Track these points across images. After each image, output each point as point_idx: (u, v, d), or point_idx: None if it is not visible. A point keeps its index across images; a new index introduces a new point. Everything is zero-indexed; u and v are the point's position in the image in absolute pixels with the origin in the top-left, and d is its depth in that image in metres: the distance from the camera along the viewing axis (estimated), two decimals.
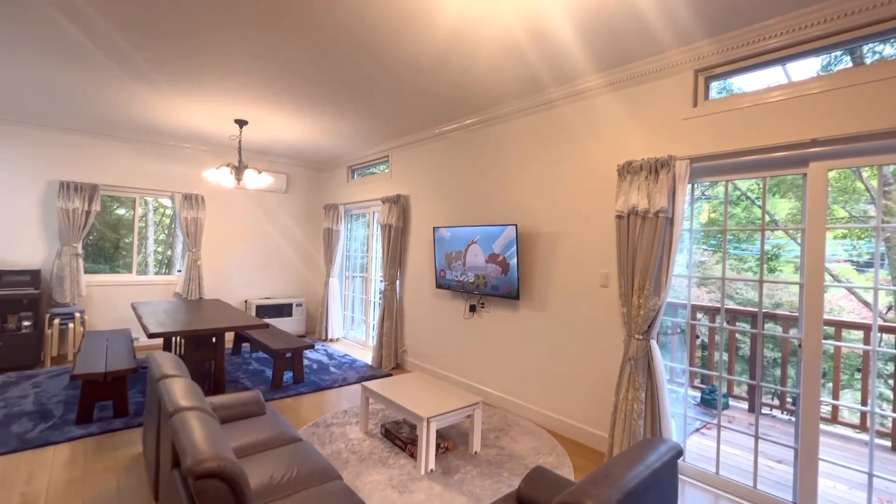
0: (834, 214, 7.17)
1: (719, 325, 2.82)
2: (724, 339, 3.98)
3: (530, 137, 3.67)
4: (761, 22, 2.30)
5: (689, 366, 4.38)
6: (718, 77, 2.67)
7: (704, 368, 4.71)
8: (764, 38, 2.35)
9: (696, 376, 4.34)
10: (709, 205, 6.23)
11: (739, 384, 4.44)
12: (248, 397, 2.86)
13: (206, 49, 2.89)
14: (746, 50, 2.43)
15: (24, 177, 4.88)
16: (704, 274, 7.44)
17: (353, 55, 2.89)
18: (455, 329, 4.39)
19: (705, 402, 4.22)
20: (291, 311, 6.50)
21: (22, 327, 4.51)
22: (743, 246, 6.69)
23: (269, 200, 6.58)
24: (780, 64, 2.46)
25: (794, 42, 2.28)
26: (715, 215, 6.22)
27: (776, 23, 2.27)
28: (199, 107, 4.12)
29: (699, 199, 7.24)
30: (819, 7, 2.13)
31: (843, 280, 6.65)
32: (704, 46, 2.55)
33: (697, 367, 4.65)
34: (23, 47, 2.95)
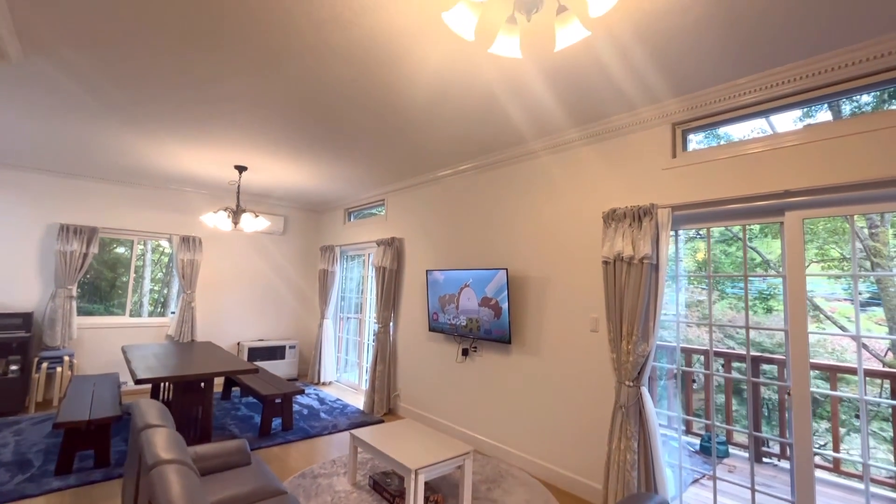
0: (828, 255, 7.24)
1: (704, 371, 2.80)
2: (712, 385, 3.93)
3: (519, 184, 3.79)
4: (731, 81, 2.45)
5: (683, 413, 4.30)
6: (695, 130, 2.80)
7: (704, 414, 4.60)
8: (737, 95, 2.49)
9: (695, 423, 4.25)
10: (703, 244, 6.31)
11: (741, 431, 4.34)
12: (233, 446, 2.79)
13: (206, 102, 3.04)
14: (720, 105, 2.57)
15: (24, 220, 4.97)
16: (703, 314, 7.41)
17: (345, 107, 3.04)
18: (448, 373, 4.34)
19: (705, 451, 4.11)
20: (284, 353, 6.42)
21: (9, 371, 4.44)
22: (741, 284, 6.70)
23: (266, 242, 6.66)
24: (756, 118, 2.58)
25: (767, 98, 2.40)
26: (712, 254, 6.25)
27: (748, 81, 2.41)
28: (200, 154, 4.27)
29: (694, 239, 7.32)
30: (788, 67, 2.26)
31: (842, 320, 6.62)
32: (678, 103, 2.69)
33: (699, 412, 4.56)
34: (27, 100, 3.11)
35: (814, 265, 6.64)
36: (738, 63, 2.27)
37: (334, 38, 2.19)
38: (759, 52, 2.17)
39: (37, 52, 2.44)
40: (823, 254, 6.95)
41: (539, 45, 2.19)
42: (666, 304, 2.96)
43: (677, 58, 2.24)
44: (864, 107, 4.70)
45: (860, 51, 2.05)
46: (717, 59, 2.24)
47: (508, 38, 1.71)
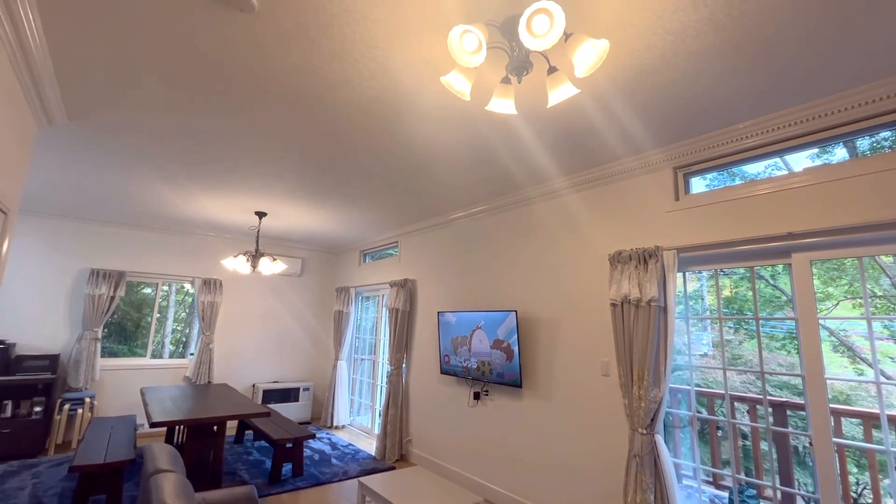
0: (860, 292, 6.93)
1: (719, 418, 2.70)
2: (737, 432, 3.75)
3: (527, 226, 3.86)
4: (731, 126, 2.51)
5: (707, 463, 4.08)
6: (697, 173, 2.85)
7: (748, 461, 4.34)
8: (740, 139, 2.53)
9: (721, 473, 4.02)
10: (729, 281, 6.14)
11: None
12: (241, 493, 2.78)
13: (229, 155, 3.25)
14: (723, 149, 2.61)
15: (58, 266, 5.25)
16: (732, 354, 7.09)
17: (357, 156, 3.22)
18: (460, 418, 4.26)
19: None
20: (298, 395, 6.41)
21: (33, 413, 4.56)
22: (772, 323, 6.44)
23: (284, 284, 6.82)
24: (762, 160, 2.60)
25: (771, 141, 2.42)
26: (738, 290, 6.02)
27: (749, 126, 2.44)
28: (222, 202, 4.50)
29: (719, 275, 7.12)
30: (792, 110, 2.28)
31: (885, 361, 6.23)
32: (677, 148, 2.76)
33: (728, 462, 4.31)
34: (70, 157, 3.39)
35: (845, 303, 6.36)
36: (735, 109, 2.34)
37: (346, 97, 2.36)
38: (756, 98, 2.24)
39: (80, 117, 2.69)
40: (854, 291, 6.67)
41: (537, 97, 2.32)
42: (688, 345, 2.91)
43: (670, 107, 2.33)
44: (881, 143, 4.63)
45: (866, 92, 2.06)
46: (711, 107, 2.32)
47: (503, 99, 1.84)
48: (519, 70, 1.69)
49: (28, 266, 5.09)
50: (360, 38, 1.86)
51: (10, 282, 4.98)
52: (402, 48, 1.92)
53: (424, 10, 1.70)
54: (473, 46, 1.55)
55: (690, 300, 5.54)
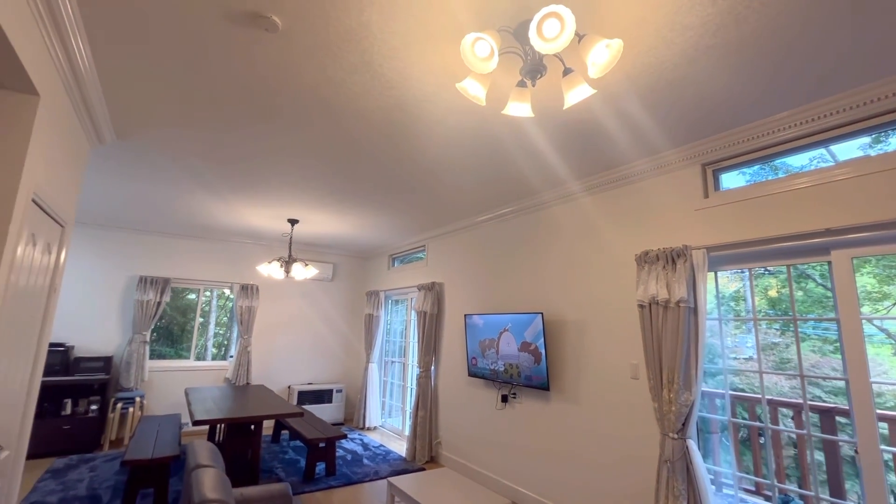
0: None
1: (757, 423, 2.58)
2: (768, 437, 3.57)
3: (553, 227, 3.83)
4: (764, 118, 2.41)
5: (743, 470, 3.91)
6: (727, 169, 2.76)
7: (794, 469, 4.11)
8: (772, 132, 2.43)
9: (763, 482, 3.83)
10: (776, 280, 5.84)
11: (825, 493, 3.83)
12: (276, 490, 2.89)
13: (261, 166, 3.41)
14: (755, 143, 2.51)
15: (109, 273, 5.63)
16: (780, 357, 6.70)
17: (381, 162, 3.30)
18: (488, 421, 4.26)
19: None
20: (332, 397, 6.58)
21: (89, 411, 4.90)
22: (824, 325, 6.07)
23: (316, 289, 7.04)
24: (801, 152, 2.46)
25: (811, 132, 2.30)
26: (785, 290, 5.69)
27: (786, 117, 2.33)
28: (258, 210, 4.71)
29: (763, 275, 6.77)
30: (831, 100, 2.16)
31: None
32: (705, 144, 2.68)
33: (787, 467, 4.09)
34: (118, 172, 3.64)
35: None
36: (767, 100, 2.26)
37: (368, 107, 2.44)
38: (790, 88, 2.15)
39: (127, 136, 2.90)
40: None
41: (556, 98, 2.32)
42: (722, 347, 2.81)
43: (694, 103, 2.28)
44: None
45: None
46: (740, 99, 2.25)
47: (519, 103, 1.85)
48: (533, 73, 1.71)
49: (83, 274, 5.49)
50: (379, 50, 1.93)
51: (68, 288, 5.38)
52: (419, 57, 1.98)
53: (439, 20, 1.75)
54: (486, 53, 1.58)
55: (731, 301, 5.29)
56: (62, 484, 3.84)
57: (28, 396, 2.33)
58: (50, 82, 1.91)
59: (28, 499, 3.52)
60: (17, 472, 2.30)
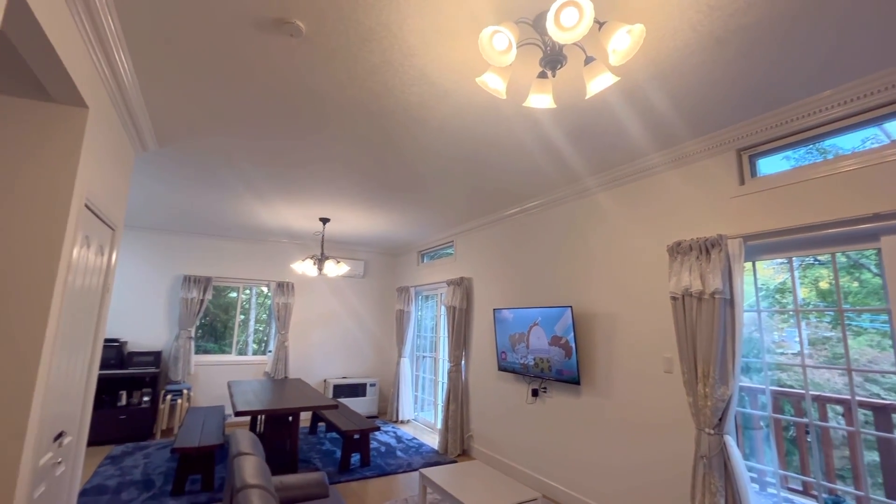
0: None
1: (801, 419, 2.47)
2: (815, 435, 3.40)
3: (581, 219, 3.77)
4: (806, 98, 2.27)
5: (786, 468, 3.74)
6: (765, 154, 2.63)
7: (848, 471, 3.89)
8: (816, 112, 2.29)
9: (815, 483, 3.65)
10: (827, 271, 5.52)
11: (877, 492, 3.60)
12: (314, 479, 3.01)
13: (300, 164, 3.53)
14: (795, 125, 2.38)
15: (156, 272, 5.98)
16: (832, 353, 6.32)
17: (405, 160, 3.34)
18: (519, 415, 4.26)
19: None
20: (365, 390, 6.75)
21: (142, 402, 5.24)
22: (882, 318, 5.68)
23: (348, 285, 7.21)
24: (850, 132, 2.31)
25: (862, 109, 2.15)
26: (842, 280, 5.36)
27: (831, 95, 2.19)
28: (292, 209, 4.87)
29: (813, 266, 6.38)
30: (882, 74, 2.03)
31: None
32: (740, 128, 2.57)
33: (840, 469, 3.89)
34: (160, 178, 3.86)
35: None
36: (809, 79, 2.14)
37: (391, 105, 2.48)
38: (836, 64, 2.03)
39: (169, 143, 3.08)
40: None
41: (579, 89, 2.28)
42: (761, 340, 2.71)
43: (727, 86, 2.18)
44: None
45: None
46: (777, 80, 2.14)
47: (540, 94, 1.84)
48: (553, 64, 1.69)
49: (133, 274, 5.85)
50: (398, 48, 1.96)
51: (120, 288, 5.76)
52: (438, 53, 1.99)
53: (456, 14, 1.76)
54: (504, 46, 1.58)
55: (777, 293, 5.04)
56: (120, 469, 4.14)
57: (87, 388, 2.53)
58: (97, 95, 2.05)
59: (91, 482, 3.81)
60: (79, 457, 2.50)
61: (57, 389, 2.02)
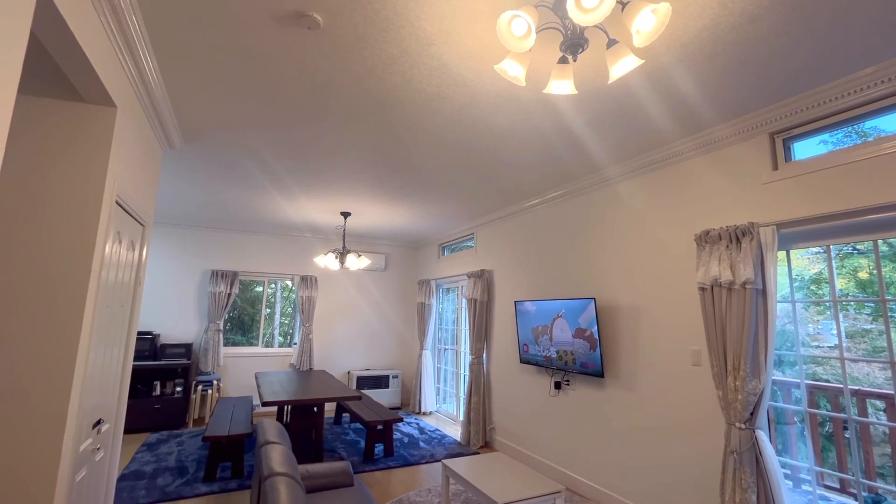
0: None
1: (838, 414, 2.36)
2: (854, 431, 3.27)
3: (604, 209, 3.69)
4: (845, 76, 2.16)
5: (824, 465, 3.60)
6: (800, 137, 2.50)
7: (890, 469, 3.73)
8: (855, 91, 2.17)
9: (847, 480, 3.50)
10: (867, 261, 5.28)
11: None
12: (339, 468, 3.07)
13: (321, 156, 3.56)
14: (833, 105, 2.26)
15: (186, 267, 6.17)
16: (872, 346, 6.04)
17: (425, 152, 3.33)
18: (541, 407, 4.23)
19: None
20: (388, 382, 6.82)
21: (175, 392, 5.44)
22: None
23: (370, 279, 7.29)
24: (884, 114, 2.18)
25: None
26: (884, 271, 5.15)
27: (873, 73, 2.08)
28: (314, 203, 4.93)
29: (852, 255, 6.08)
30: None
31: None
32: (774, 110, 2.45)
33: (881, 466, 3.74)
34: (212, 177, 3.96)
35: None
36: (850, 56, 2.02)
37: (410, 97, 2.47)
38: (879, 39, 1.91)
39: (194, 139, 3.15)
40: None
41: (602, 74, 2.21)
42: (795, 332, 2.60)
43: (760, 67, 2.08)
44: None
45: None
46: (814, 58, 2.03)
47: (561, 80, 1.79)
48: (574, 48, 1.64)
49: (163, 269, 6.06)
50: (416, 38, 1.94)
51: (151, 282, 5.97)
52: (456, 42, 1.96)
53: (473, 1, 1.72)
54: (523, 31, 1.54)
55: (812, 284, 4.84)
56: (155, 456, 4.31)
57: (123, 378, 2.63)
58: (124, 94, 2.11)
59: (129, 467, 3.99)
60: (117, 443, 2.62)
61: (94, 380, 2.11)
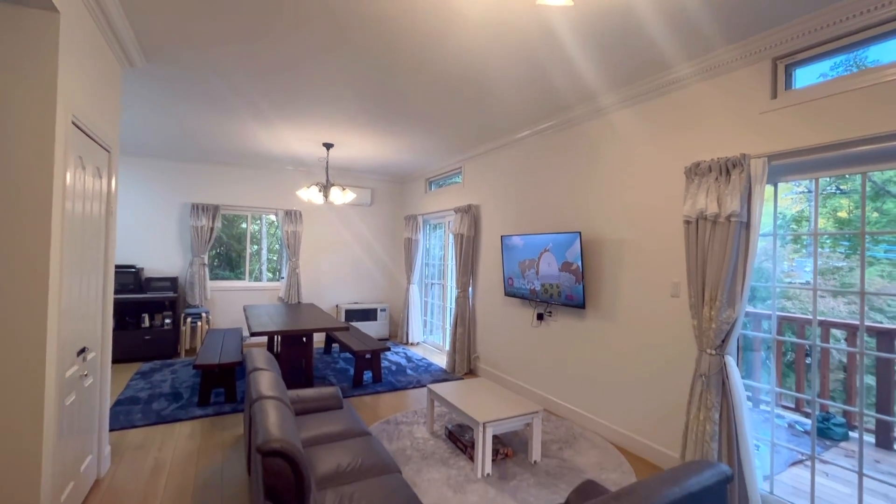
0: None
1: (803, 341, 2.49)
2: (816, 357, 3.47)
3: (593, 142, 3.58)
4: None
5: (788, 388, 3.87)
6: (803, 62, 2.38)
7: (840, 392, 4.03)
8: (853, 16, 2.04)
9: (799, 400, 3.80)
10: (848, 201, 5.36)
11: None
12: (328, 392, 3.19)
13: (298, 80, 3.33)
14: (836, 29, 2.13)
15: (166, 201, 5.98)
16: (841, 282, 6.31)
17: (412, 78, 3.12)
18: (523, 337, 4.39)
19: (821, 433, 3.67)
20: (376, 315, 6.99)
21: (164, 324, 5.50)
22: None
23: (356, 213, 7.18)
24: (886, 39, 2.09)
25: None
26: (856, 213, 5.26)
27: None
28: (295, 134, 4.70)
29: (835, 195, 6.14)
30: None
31: None
32: (777, 33, 2.30)
33: (833, 390, 4.03)
34: (184, 100, 3.69)
35: None
36: None
37: (394, 15, 2.25)
38: None
39: (155, 56, 2.88)
40: None
41: None
42: (773, 264, 2.65)
43: None
44: None
45: None
46: None
47: None
48: None
49: (141, 201, 5.86)
50: None
51: (131, 215, 5.80)
52: None
53: None
54: None
55: (793, 223, 4.91)
56: (150, 383, 4.44)
57: (104, 308, 2.61)
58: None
59: (124, 393, 4.12)
60: (106, 370, 2.65)
61: (73, 309, 2.08)
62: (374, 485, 2.16)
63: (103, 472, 2.66)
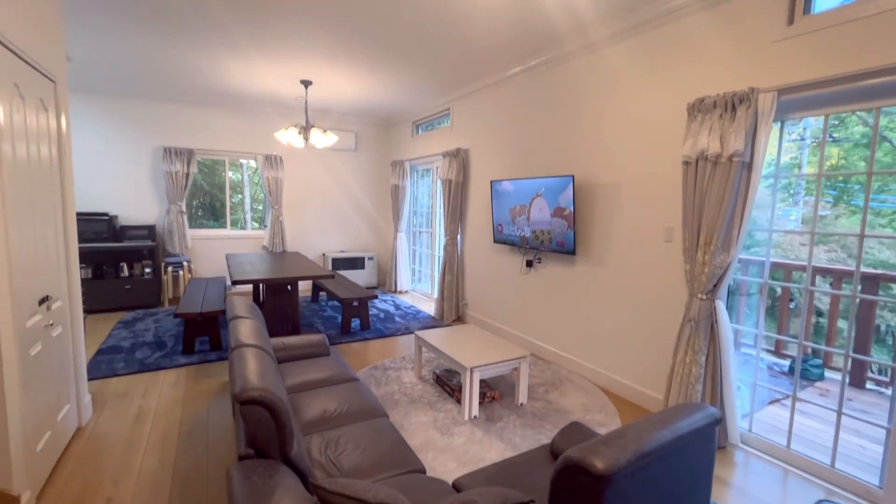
0: None
1: (791, 284, 2.46)
2: (806, 302, 3.49)
3: (588, 79, 3.34)
4: None
5: (773, 332, 3.93)
6: None
7: (819, 337, 4.13)
8: None
9: (788, 344, 3.88)
10: (839, 150, 5.27)
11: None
12: (315, 340, 3.14)
13: (274, 8, 2.99)
14: None
15: (136, 144, 5.62)
16: (825, 230, 6.34)
17: (400, 9, 2.81)
18: (512, 284, 4.35)
19: (800, 374, 3.78)
20: (364, 264, 6.90)
21: (144, 273, 5.35)
22: (881, 197, 5.59)
23: (340, 159, 6.88)
24: None
25: None
26: (851, 159, 5.18)
27: None
28: (271, 69, 4.32)
29: (828, 143, 6.01)
30: None
31: None
32: None
33: (796, 333, 4.13)
34: (145, 25, 3.30)
35: None
36: None
37: None
38: None
39: None
40: None
41: None
42: (772, 209, 2.56)
43: None
44: None
45: None
46: None
47: None
48: None
49: (108, 145, 5.49)
50: None
51: (98, 160, 5.46)
52: None
53: None
54: None
55: (785, 170, 4.84)
56: (132, 332, 4.37)
57: (69, 257, 2.44)
58: None
59: (106, 342, 4.04)
60: (77, 320, 2.54)
61: (27, 259, 1.92)
62: (361, 428, 2.15)
63: (85, 421, 2.62)
